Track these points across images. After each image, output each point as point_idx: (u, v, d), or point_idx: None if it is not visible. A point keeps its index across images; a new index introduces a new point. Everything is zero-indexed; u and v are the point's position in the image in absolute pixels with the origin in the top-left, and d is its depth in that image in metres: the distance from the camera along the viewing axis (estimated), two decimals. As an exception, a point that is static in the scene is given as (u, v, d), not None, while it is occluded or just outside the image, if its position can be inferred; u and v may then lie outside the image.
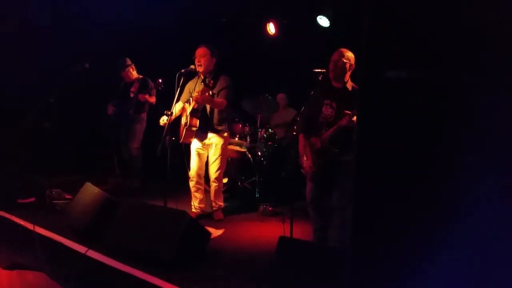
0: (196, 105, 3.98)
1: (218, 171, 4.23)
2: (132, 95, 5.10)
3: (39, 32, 5.67)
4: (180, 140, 4.12)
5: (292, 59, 5.78)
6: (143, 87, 5.15)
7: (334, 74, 3.22)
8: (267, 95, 5.47)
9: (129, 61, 5.22)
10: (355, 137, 1.60)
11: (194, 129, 4.06)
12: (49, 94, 4.86)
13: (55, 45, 5.62)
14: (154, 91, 5.14)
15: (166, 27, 5.89)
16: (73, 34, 5.73)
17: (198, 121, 4.03)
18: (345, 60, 3.18)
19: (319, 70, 3.29)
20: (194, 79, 4.26)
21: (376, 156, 1.53)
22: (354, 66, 3.21)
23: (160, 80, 4.54)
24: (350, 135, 3.07)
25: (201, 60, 4.01)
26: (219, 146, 4.18)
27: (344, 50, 3.24)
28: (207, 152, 4.26)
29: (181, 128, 4.16)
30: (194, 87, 4.20)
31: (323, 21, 5.30)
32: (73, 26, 5.74)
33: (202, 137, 4.17)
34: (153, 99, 5.16)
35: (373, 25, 1.57)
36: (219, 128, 4.16)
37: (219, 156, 4.20)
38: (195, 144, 4.23)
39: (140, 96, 5.03)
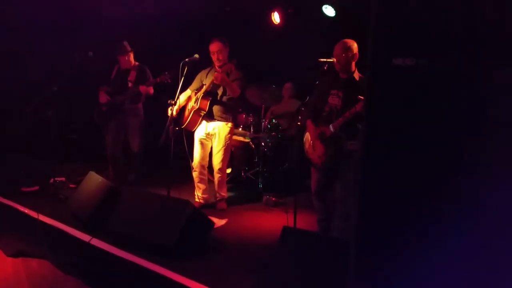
0: (210, 87, 3.98)
1: (222, 162, 4.22)
2: (130, 84, 4.80)
3: (43, 20, 5.64)
4: (182, 125, 4.09)
5: (297, 49, 5.72)
6: (142, 76, 4.83)
7: (339, 66, 3.22)
8: (273, 86, 5.44)
9: (129, 47, 4.89)
10: (362, 126, 1.57)
11: (202, 113, 4.05)
12: (52, 82, 4.84)
13: (59, 34, 5.60)
14: (152, 81, 4.79)
15: (169, 17, 5.85)
16: (77, 23, 5.71)
17: (208, 103, 4.02)
18: (348, 52, 3.16)
19: (325, 60, 3.27)
20: (206, 69, 4.27)
21: (383, 146, 1.51)
22: (358, 55, 3.19)
23: (166, 73, 4.46)
24: (356, 124, 3.07)
25: (220, 55, 4.04)
26: (223, 136, 4.17)
27: (346, 41, 3.21)
28: (210, 143, 4.25)
29: (186, 114, 4.14)
30: (206, 77, 4.21)
31: (329, 10, 5.24)
32: (78, 15, 5.72)
33: (205, 125, 4.16)
34: (152, 90, 4.84)
35: (381, 13, 1.54)
36: (224, 116, 4.15)
37: (222, 147, 4.18)
38: (198, 134, 4.22)
39: (142, 88, 4.70)
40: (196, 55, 3.90)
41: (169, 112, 4.03)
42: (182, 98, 4.16)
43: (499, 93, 1.40)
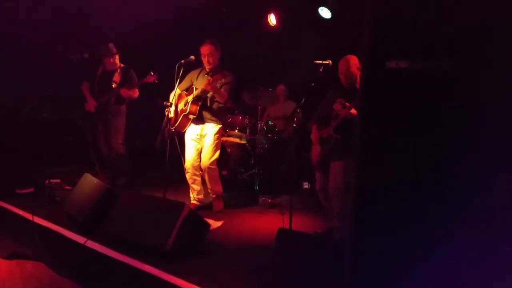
0: (200, 93, 4.02)
1: (211, 159, 4.21)
2: (114, 85, 4.75)
3: (39, 23, 5.63)
4: (172, 126, 4.12)
5: (293, 51, 5.74)
6: (126, 78, 4.78)
7: (346, 81, 3.40)
8: (269, 89, 5.45)
9: (115, 49, 4.84)
10: (356, 127, 1.58)
11: (191, 116, 4.10)
12: (48, 84, 4.82)
13: (54, 35, 5.59)
14: (135, 83, 4.76)
15: (166, 18, 5.85)
16: (73, 24, 5.70)
17: (198, 108, 4.07)
18: (352, 69, 3.34)
19: (320, 62, 3.29)
20: (197, 70, 4.28)
21: (377, 148, 1.52)
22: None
23: (152, 73, 4.46)
24: (352, 126, 3.15)
25: (210, 58, 4.10)
26: (212, 135, 4.20)
27: (349, 57, 3.37)
28: (201, 144, 4.27)
29: (176, 115, 4.17)
30: (196, 78, 4.23)
31: (325, 12, 5.26)
32: (74, 17, 5.71)
33: (196, 127, 4.19)
34: (136, 93, 4.81)
35: (375, 16, 1.55)
36: (213, 118, 4.19)
37: (211, 145, 4.19)
38: (190, 136, 4.24)
39: (123, 92, 4.66)
40: (192, 57, 3.90)
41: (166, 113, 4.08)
42: (172, 97, 4.11)
43: (493, 96, 1.41)
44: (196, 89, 4.09)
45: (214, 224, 3.79)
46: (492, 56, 1.40)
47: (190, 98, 4.10)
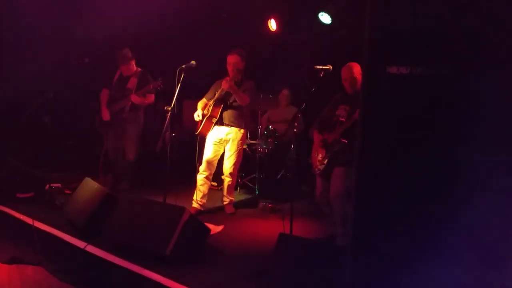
0: (220, 95, 4.15)
1: (233, 166, 4.32)
2: (128, 93, 4.78)
3: (39, 26, 5.64)
4: (196, 131, 4.25)
5: (294, 56, 5.76)
6: (143, 83, 4.80)
7: (350, 87, 3.43)
8: (269, 95, 5.47)
9: (130, 53, 4.87)
10: (357, 131, 1.59)
11: (214, 120, 4.20)
12: (49, 88, 4.83)
13: (55, 39, 5.60)
14: (153, 88, 4.76)
15: (166, 23, 5.86)
16: (73, 28, 5.70)
17: (219, 111, 4.19)
18: (356, 75, 3.38)
19: (321, 67, 3.30)
20: (221, 79, 4.34)
21: (378, 152, 1.52)
22: None
23: (160, 79, 4.50)
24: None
25: (235, 67, 4.20)
26: (236, 142, 4.29)
27: (352, 64, 3.41)
28: (222, 149, 4.33)
29: (200, 121, 4.29)
30: (220, 86, 4.30)
31: (325, 17, 5.27)
32: (74, 20, 5.72)
33: (220, 131, 4.25)
34: (151, 99, 4.85)
35: (376, 21, 1.56)
36: (236, 122, 4.26)
37: (234, 152, 4.29)
38: (211, 139, 4.29)
39: (134, 98, 4.69)
40: (193, 62, 3.91)
41: (196, 117, 4.26)
42: (199, 107, 4.32)
43: (492, 102, 1.42)
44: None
45: (214, 229, 3.78)
46: (490, 61, 1.41)
47: (211, 101, 4.23)
